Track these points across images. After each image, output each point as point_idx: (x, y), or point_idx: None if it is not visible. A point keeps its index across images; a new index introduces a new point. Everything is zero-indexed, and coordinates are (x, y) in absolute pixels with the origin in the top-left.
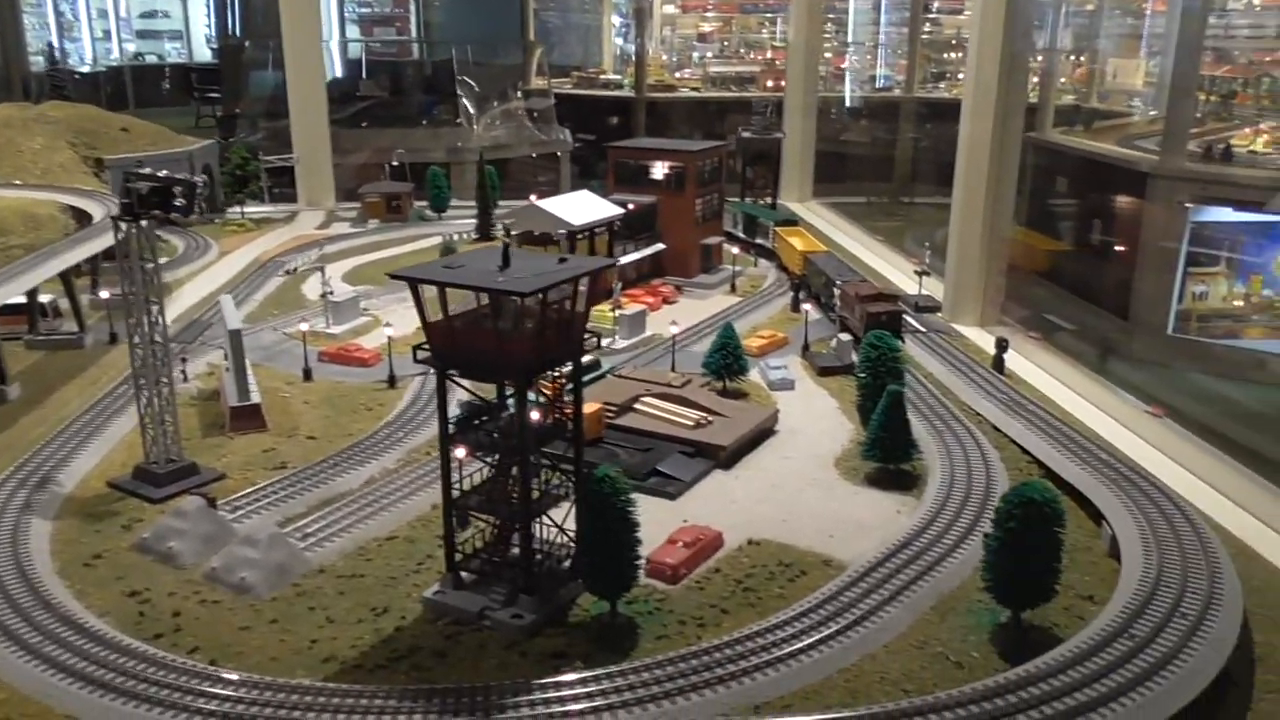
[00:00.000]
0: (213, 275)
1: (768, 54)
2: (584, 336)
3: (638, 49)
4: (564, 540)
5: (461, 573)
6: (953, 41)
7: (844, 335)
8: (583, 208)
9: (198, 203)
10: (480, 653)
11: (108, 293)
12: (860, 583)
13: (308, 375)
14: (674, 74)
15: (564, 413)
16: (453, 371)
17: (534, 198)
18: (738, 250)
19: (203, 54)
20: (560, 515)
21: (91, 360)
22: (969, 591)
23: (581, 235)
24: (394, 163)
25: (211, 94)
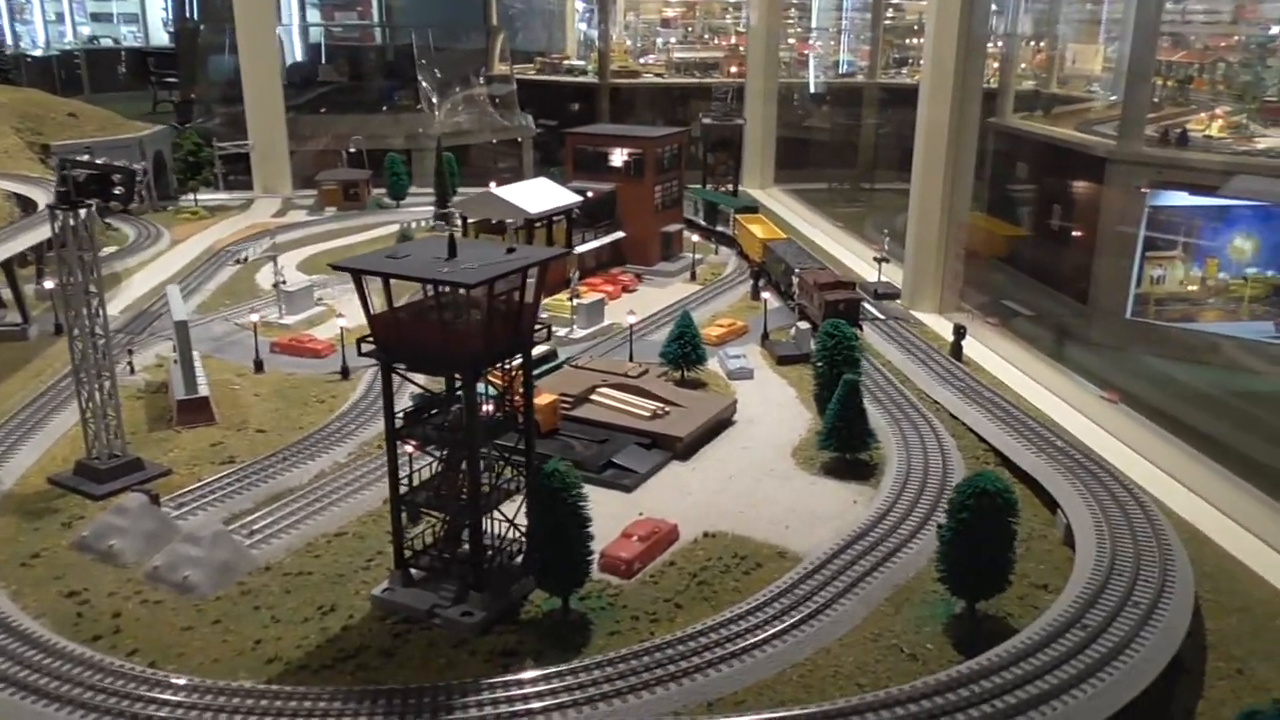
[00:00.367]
0: (164, 264)
1: (731, 40)
2: (534, 328)
3: (601, 34)
4: (516, 536)
5: (411, 570)
6: (915, 27)
7: (803, 324)
8: (540, 195)
9: (138, 191)
10: (429, 651)
11: (53, 283)
12: (815, 575)
13: (259, 367)
14: (638, 60)
15: (515, 405)
16: (399, 365)
17: (493, 185)
18: (698, 238)
19: (160, 38)
20: (513, 510)
21: (36, 352)
22: (924, 583)
23: (539, 223)
24: (351, 149)
25: (169, 79)
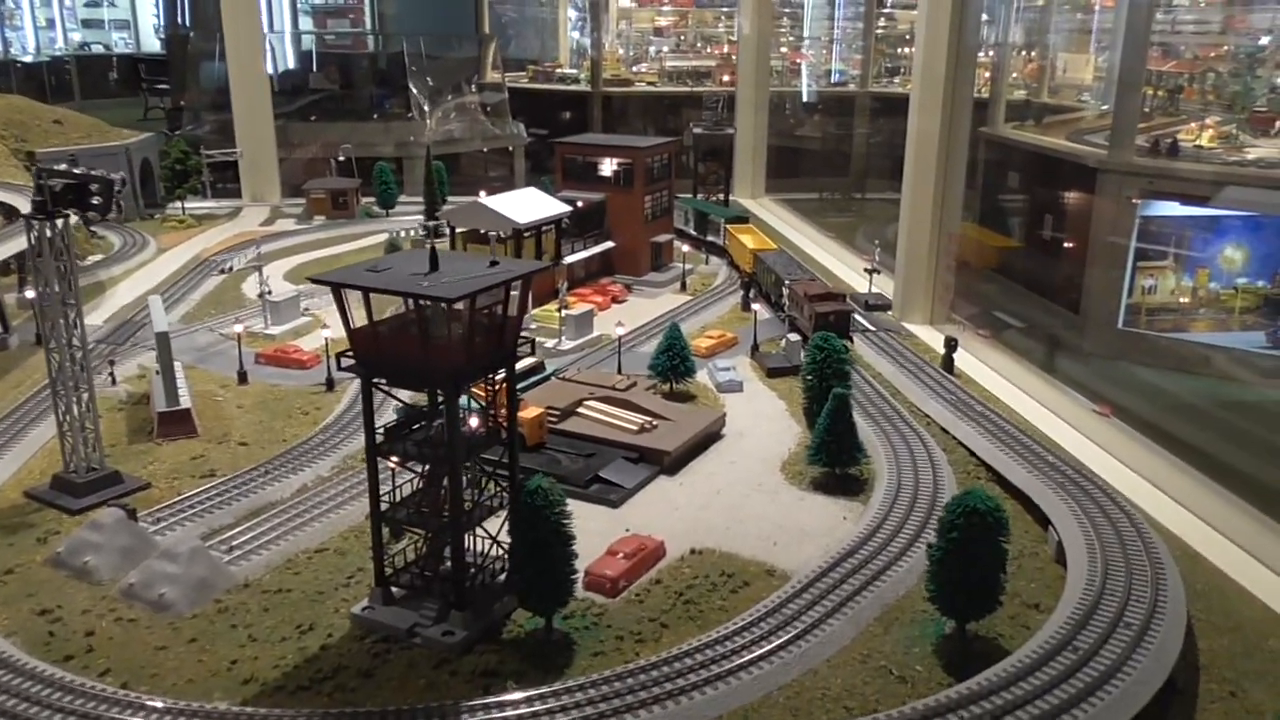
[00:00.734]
0: (150, 273)
1: (724, 49)
2: (518, 342)
3: (593, 43)
4: (499, 553)
5: (392, 587)
6: (907, 36)
7: (793, 335)
8: (529, 205)
9: (116, 201)
10: (409, 672)
11: (34, 292)
12: (803, 594)
13: (243, 378)
14: (630, 68)
15: (499, 419)
16: (379, 379)
17: (483, 194)
18: (688, 248)
19: (151, 44)
20: (496, 527)
21: (16, 362)
22: (914, 601)
23: (528, 233)
24: (340, 158)
25: (160, 85)
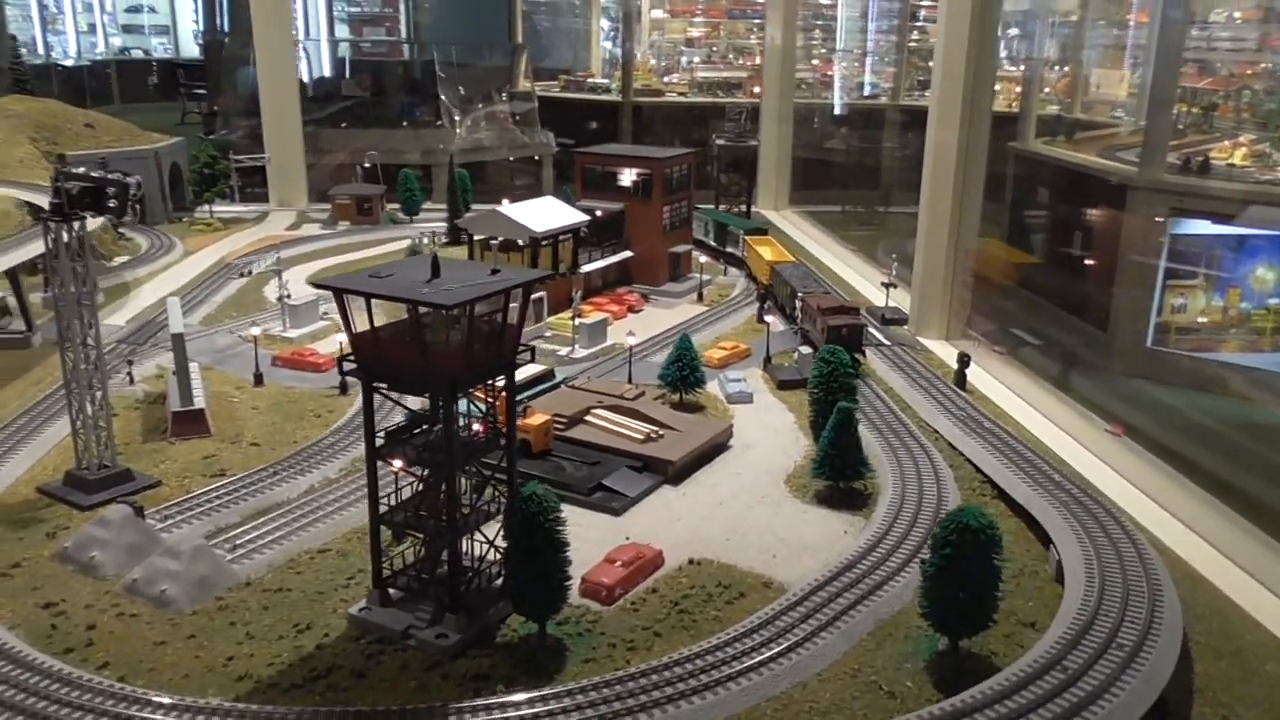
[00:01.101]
0: (175, 275)
1: (756, 60)
2: (517, 350)
3: (624, 53)
4: (496, 558)
5: (389, 589)
6: None
7: (805, 348)
8: (547, 214)
9: (131, 204)
10: (401, 673)
11: (51, 292)
12: (798, 607)
13: (259, 380)
14: (661, 78)
15: (499, 425)
16: (380, 384)
17: (505, 202)
18: (705, 258)
19: (190, 50)
20: (495, 531)
21: (37, 360)
22: (909, 618)
23: (545, 242)
24: (366, 164)
25: (198, 90)
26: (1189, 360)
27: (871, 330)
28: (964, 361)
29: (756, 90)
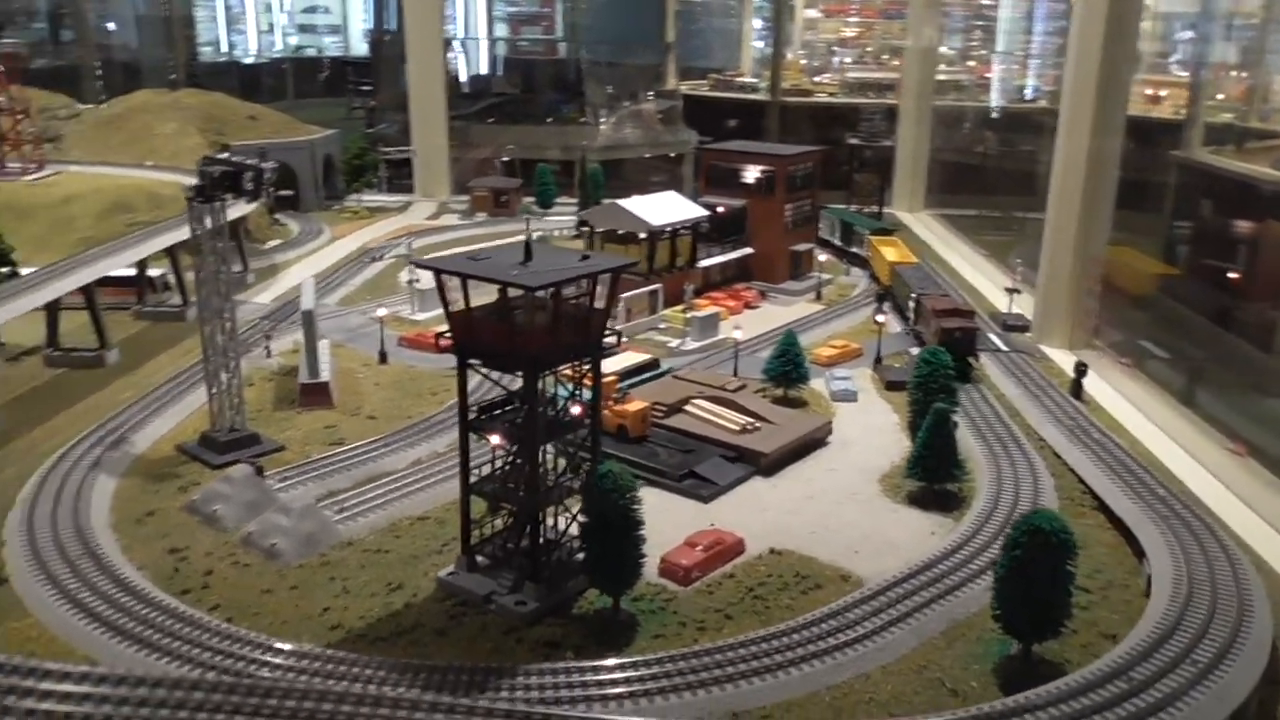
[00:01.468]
0: (320, 258)
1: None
2: (604, 333)
3: (774, 53)
4: (578, 532)
5: (477, 556)
6: None
7: (916, 350)
8: (665, 209)
9: (265, 188)
10: (480, 635)
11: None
12: (871, 601)
13: (383, 358)
14: (811, 78)
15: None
16: (473, 361)
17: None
18: (824, 257)
19: (360, 48)
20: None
21: (190, 332)
22: (984, 620)
23: (662, 236)
24: (504, 159)
25: (365, 87)
26: None
27: (990, 336)
28: (1080, 371)
29: None
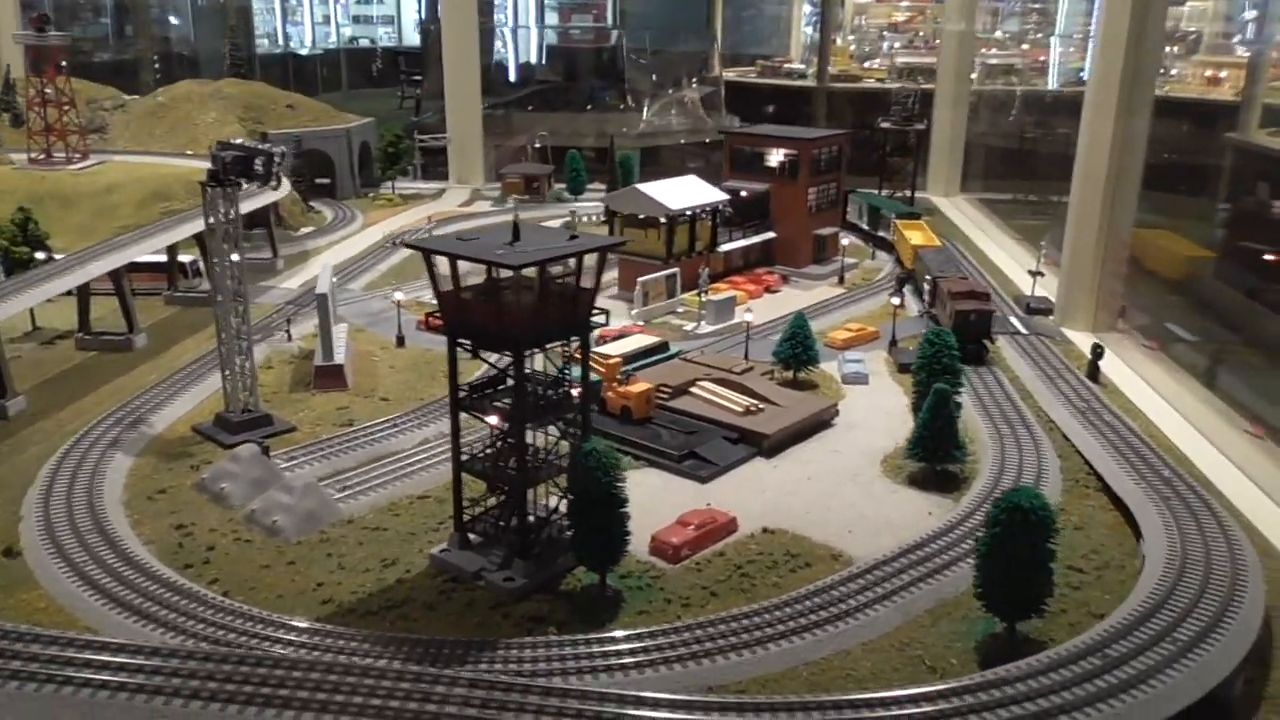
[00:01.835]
0: (351, 244)
1: None
2: (591, 312)
3: (821, 38)
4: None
5: (469, 534)
6: (1176, 35)
7: None
8: (684, 193)
9: (276, 172)
10: (467, 610)
11: (236, 256)
12: (857, 579)
13: (400, 342)
14: (861, 64)
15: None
16: (463, 340)
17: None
18: (847, 240)
19: (412, 39)
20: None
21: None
22: (971, 599)
23: (681, 220)
24: (536, 145)
25: (416, 77)
26: None
27: (1010, 319)
28: (1097, 353)
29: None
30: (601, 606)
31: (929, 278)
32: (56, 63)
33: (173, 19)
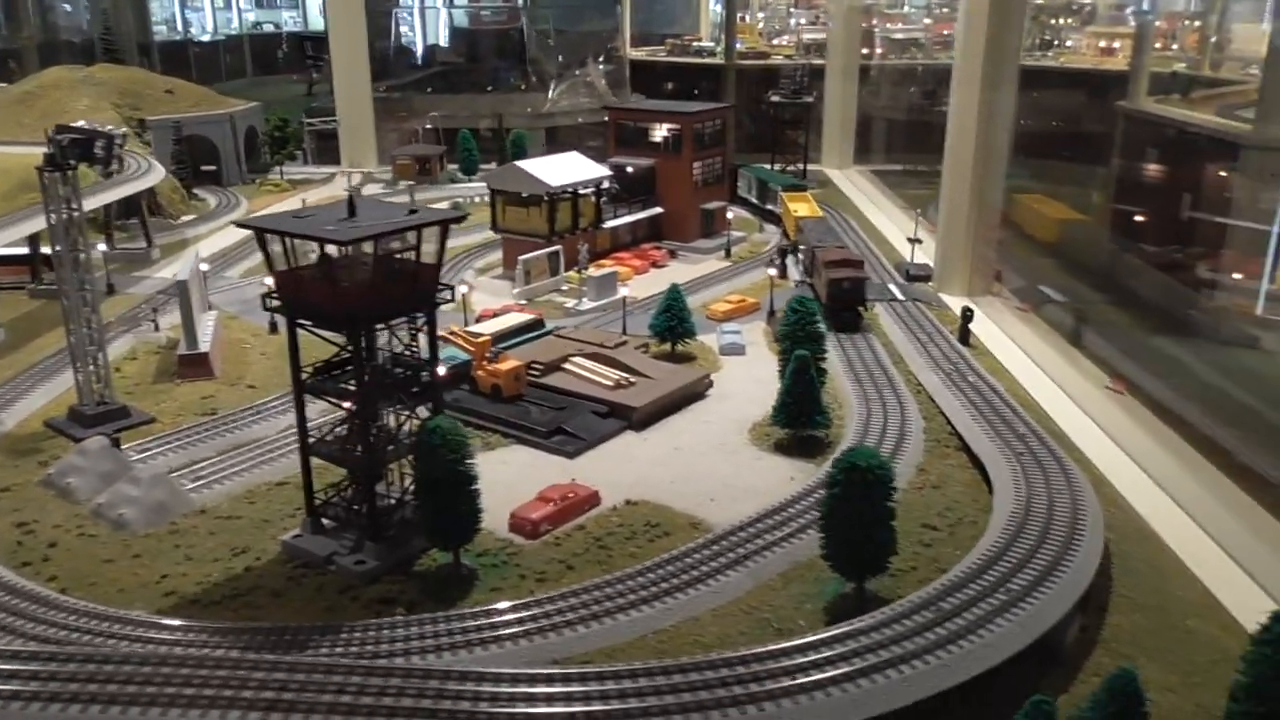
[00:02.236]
0: (232, 232)
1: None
2: (435, 288)
3: (727, 16)
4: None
5: (322, 518)
6: (1072, 6)
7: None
8: (567, 169)
9: (116, 155)
10: (316, 595)
11: (104, 246)
12: (712, 546)
13: (273, 329)
14: (769, 41)
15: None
16: (303, 320)
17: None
18: (732, 214)
19: (317, 23)
20: None
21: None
22: (821, 561)
23: (563, 196)
24: (428, 126)
25: (323, 61)
26: None
27: (889, 286)
28: (967, 316)
29: (865, 50)
30: (454, 586)
31: (803, 248)
32: None
33: (66, 6)
